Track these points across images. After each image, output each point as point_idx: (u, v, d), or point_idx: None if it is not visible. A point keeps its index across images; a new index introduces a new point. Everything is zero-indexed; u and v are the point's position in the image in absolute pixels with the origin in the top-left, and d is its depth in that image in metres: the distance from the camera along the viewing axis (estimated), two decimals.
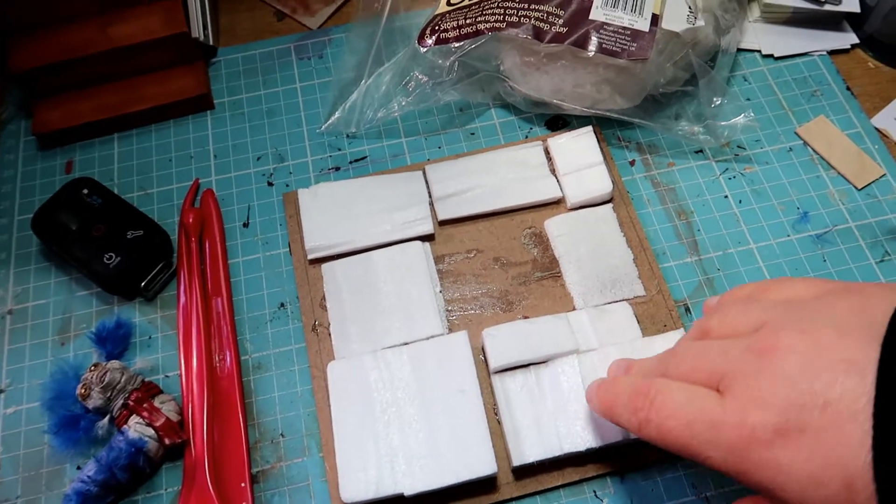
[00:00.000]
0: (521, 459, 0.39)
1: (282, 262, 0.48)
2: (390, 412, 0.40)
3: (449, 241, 0.47)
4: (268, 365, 0.44)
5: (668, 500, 0.40)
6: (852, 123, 0.52)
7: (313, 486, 0.41)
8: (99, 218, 0.47)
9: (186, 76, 0.54)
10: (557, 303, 0.45)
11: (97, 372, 0.41)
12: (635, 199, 0.49)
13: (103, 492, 0.39)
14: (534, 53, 0.48)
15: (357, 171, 0.51)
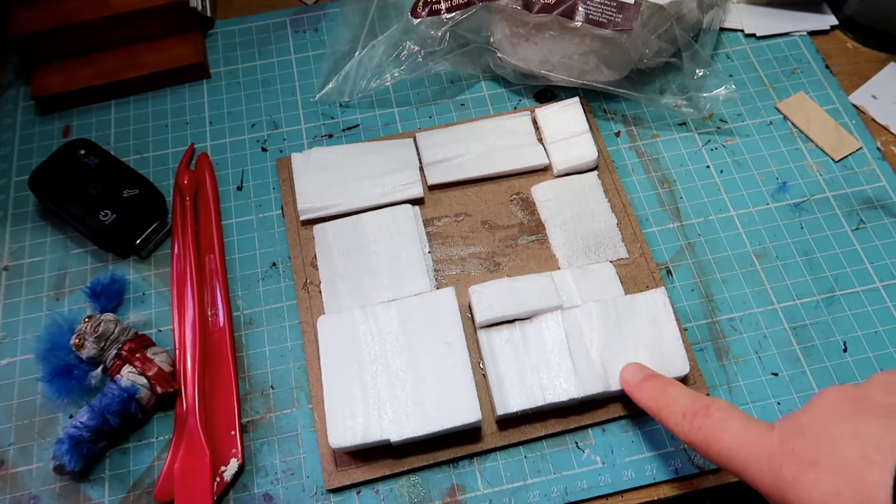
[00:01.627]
0: (505, 409, 0.40)
1: (274, 223, 0.49)
2: (378, 363, 0.41)
3: (438, 204, 0.48)
4: (259, 321, 0.45)
5: (647, 450, 0.41)
6: (831, 100, 0.53)
7: (302, 435, 0.42)
8: (95, 177, 0.48)
9: (183, 45, 0.55)
10: (543, 264, 0.46)
11: (91, 323, 0.42)
12: (620, 168, 0.51)
13: (95, 437, 0.40)
14: (523, 24, 0.49)
15: (350, 138, 0.52)
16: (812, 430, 0.29)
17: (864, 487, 0.26)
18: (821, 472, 0.27)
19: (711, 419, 0.33)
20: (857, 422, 0.28)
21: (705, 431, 0.33)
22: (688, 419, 0.34)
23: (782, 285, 0.46)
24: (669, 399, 0.36)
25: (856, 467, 0.26)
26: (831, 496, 0.27)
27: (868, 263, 0.46)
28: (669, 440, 0.41)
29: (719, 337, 0.44)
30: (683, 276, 0.46)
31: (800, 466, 0.28)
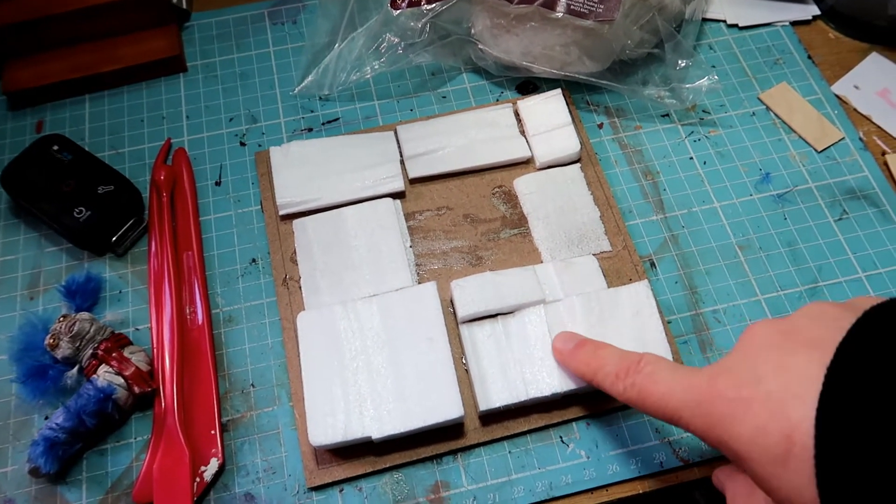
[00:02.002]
0: (488, 404, 0.40)
1: (254, 219, 0.48)
2: (359, 360, 0.41)
3: (419, 198, 0.48)
4: (239, 318, 0.45)
5: (632, 444, 0.41)
6: (813, 90, 0.53)
7: (283, 433, 0.41)
8: (69, 174, 0.47)
9: (159, 38, 0.54)
10: (525, 258, 0.46)
11: (66, 322, 0.41)
12: (603, 160, 0.50)
13: (71, 438, 0.39)
14: (504, 15, 0.49)
15: (329, 131, 0.52)
16: (738, 368, 0.29)
17: (788, 421, 0.26)
18: (747, 409, 0.27)
19: (642, 374, 0.33)
20: (782, 354, 0.28)
21: (638, 387, 0.33)
22: (621, 378, 0.34)
23: (766, 276, 0.46)
24: (602, 361, 0.36)
25: (780, 401, 0.26)
26: (758, 432, 0.27)
27: (851, 254, 0.46)
28: (654, 433, 0.41)
29: (703, 329, 0.44)
30: (667, 269, 0.46)
31: (727, 405, 0.28)
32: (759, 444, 0.26)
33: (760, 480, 0.27)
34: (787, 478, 0.26)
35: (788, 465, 0.25)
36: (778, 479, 0.26)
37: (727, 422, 0.28)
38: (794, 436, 0.25)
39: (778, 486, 0.26)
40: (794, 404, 0.25)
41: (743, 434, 0.27)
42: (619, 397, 0.34)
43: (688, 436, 0.41)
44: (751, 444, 0.27)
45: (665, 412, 0.31)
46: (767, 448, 0.26)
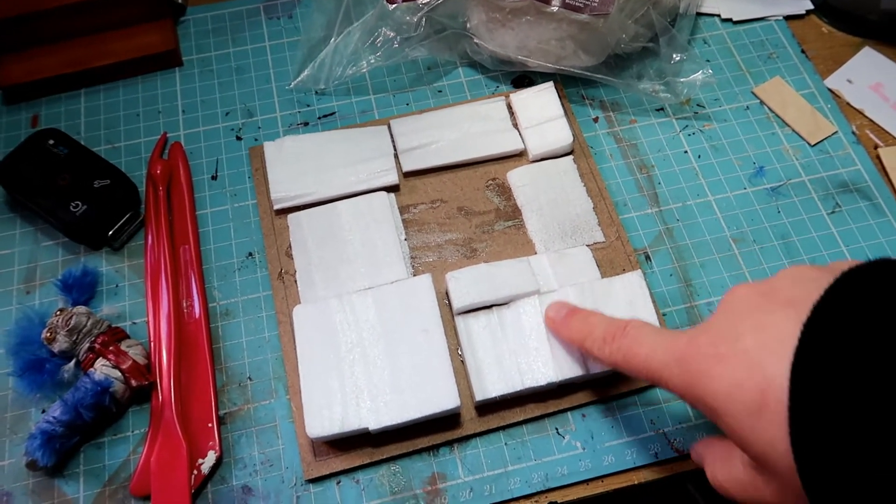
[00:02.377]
0: (484, 395, 0.40)
1: (250, 213, 0.48)
2: (355, 352, 0.41)
3: (413, 191, 0.48)
4: (235, 311, 0.45)
5: (627, 435, 0.41)
6: (806, 84, 0.54)
7: (280, 426, 0.41)
8: (65, 168, 0.47)
9: (154, 32, 0.54)
10: (519, 249, 0.46)
11: (63, 316, 0.41)
12: (598, 154, 0.50)
13: (69, 432, 0.39)
14: (499, 9, 0.49)
15: (325, 126, 0.52)
16: (718, 327, 0.30)
17: (763, 377, 0.26)
18: (724, 365, 0.28)
19: (628, 337, 0.34)
20: (761, 314, 0.28)
21: (623, 350, 0.34)
22: (607, 343, 0.35)
23: (759, 269, 0.46)
24: (591, 327, 0.37)
25: (756, 358, 0.27)
26: (734, 387, 0.27)
27: (844, 247, 0.47)
28: (649, 425, 0.41)
29: (697, 321, 0.44)
30: (662, 262, 0.46)
31: (705, 362, 0.29)
32: (735, 398, 0.27)
33: (736, 435, 0.28)
34: (762, 431, 0.27)
35: (762, 418, 0.26)
36: (752, 432, 0.27)
37: (705, 378, 0.29)
38: (768, 390, 0.26)
39: (753, 439, 0.27)
40: (771, 360, 0.26)
41: (720, 389, 0.28)
42: (606, 361, 0.35)
43: (682, 427, 0.41)
44: (727, 399, 0.28)
45: (649, 372, 0.32)
46: (743, 402, 0.27)
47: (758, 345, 0.27)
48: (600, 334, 0.36)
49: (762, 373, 0.27)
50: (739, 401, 0.27)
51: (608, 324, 0.36)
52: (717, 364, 0.29)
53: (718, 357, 0.29)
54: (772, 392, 0.26)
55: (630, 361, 0.34)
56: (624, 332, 0.35)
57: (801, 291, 0.28)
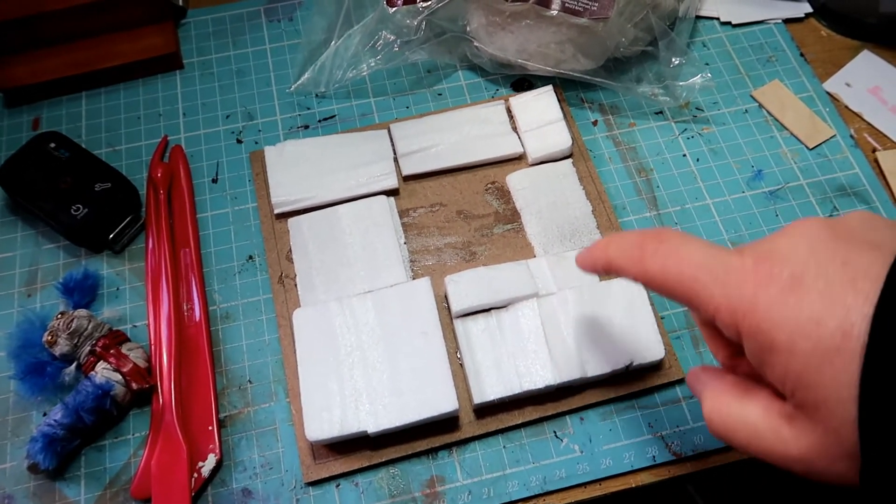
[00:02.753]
0: (482, 397, 0.40)
1: (250, 216, 0.48)
2: (355, 355, 0.41)
3: (413, 195, 0.48)
4: (236, 315, 0.45)
5: (625, 438, 0.41)
6: (805, 88, 0.54)
7: (280, 429, 0.42)
8: (66, 171, 0.47)
9: (155, 35, 0.54)
10: (518, 253, 0.46)
11: (64, 319, 0.42)
12: (598, 157, 0.51)
13: (70, 435, 0.40)
14: (499, 13, 0.49)
15: (326, 129, 0.52)
16: (795, 254, 0.26)
17: (846, 315, 0.24)
18: (803, 295, 0.25)
19: (669, 243, 0.30)
20: (847, 250, 0.26)
21: (662, 256, 0.29)
22: (639, 248, 0.30)
23: None
24: (620, 238, 0.32)
25: (841, 293, 0.24)
26: (810, 322, 0.25)
27: None
28: (647, 428, 0.41)
29: (695, 325, 0.44)
30: None
31: (779, 289, 0.26)
32: (808, 334, 0.25)
33: (794, 375, 0.25)
34: (831, 374, 0.24)
35: (836, 360, 0.24)
36: (818, 373, 0.24)
37: (774, 307, 0.25)
38: (851, 331, 0.24)
39: (818, 381, 0.25)
40: (857, 299, 0.24)
41: (789, 323, 0.25)
42: (637, 270, 0.31)
43: (680, 430, 0.41)
44: (797, 335, 0.25)
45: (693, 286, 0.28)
46: (819, 340, 0.24)
47: (844, 281, 0.25)
48: (631, 243, 0.31)
49: (846, 312, 0.24)
50: (814, 338, 0.24)
51: (639, 232, 0.32)
52: (794, 294, 0.25)
53: (797, 286, 0.25)
54: (854, 333, 0.24)
55: (670, 269, 0.29)
56: (661, 236, 0.30)
57: (882, 237, 0.26)
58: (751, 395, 0.28)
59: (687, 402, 0.42)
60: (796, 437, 0.26)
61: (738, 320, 0.27)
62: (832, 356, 0.24)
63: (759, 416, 0.27)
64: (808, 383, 0.25)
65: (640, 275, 0.31)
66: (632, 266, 0.31)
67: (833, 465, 0.25)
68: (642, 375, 0.42)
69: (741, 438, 0.28)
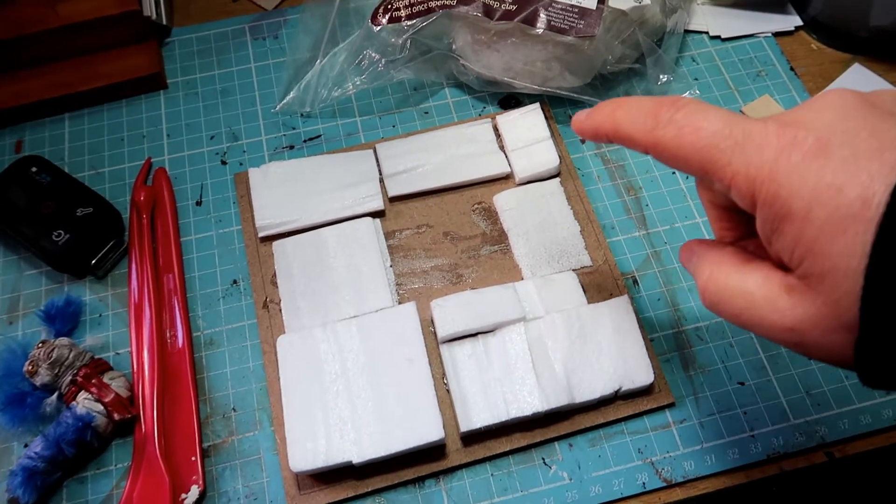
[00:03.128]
0: (469, 425, 0.39)
1: (235, 239, 0.48)
2: (339, 383, 0.41)
3: (399, 216, 0.48)
4: (220, 341, 0.44)
5: (614, 465, 0.41)
6: (795, 102, 0.53)
7: (265, 458, 0.41)
8: (48, 195, 0.46)
9: (138, 55, 0.53)
10: (506, 274, 0.46)
11: (45, 348, 0.41)
12: (586, 175, 0.50)
13: (50, 468, 0.39)
14: (484, 31, 0.49)
15: (311, 149, 0.51)
16: (821, 121, 0.25)
17: (869, 183, 0.23)
18: (827, 161, 0.24)
19: (684, 110, 0.28)
20: (877, 119, 0.25)
21: (676, 123, 0.28)
22: (652, 115, 0.29)
23: None
24: (628, 103, 0.30)
25: (866, 161, 0.24)
26: (830, 188, 0.24)
27: None
28: (636, 454, 0.41)
29: (686, 346, 0.44)
30: (650, 286, 0.46)
31: (802, 155, 0.25)
32: (826, 202, 0.24)
33: (806, 242, 0.25)
34: (844, 242, 0.23)
35: (850, 229, 0.23)
36: (833, 242, 0.24)
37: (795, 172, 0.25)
38: (871, 199, 0.23)
39: (829, 250, 0.24)
40: (882, 169, 0.23)
41: (807, 188, 0.24)
42: (648, 139, 0.29)
43: (670, 456, 0.41)
44: (815, 202, 0.24)
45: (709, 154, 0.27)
46: (837, 208, 0.24)
47: (871, 149, 0.24)
48: (641, 108, 0.29)
49: (871, 181, 0.23)
50: (832, 205, 0.24)
51: (652, 98, 0.30)
52: (815, 160, 0.24)
53: (822, 152, 0.24)
54: (874, 202, 0.23)
55: (686, 138, 0.27)
56: (676, 103, 0.28)
57: None
58: (751, 265, 0.28)
59: (677, 427, 0.42)
60: (792, 307, 0.26)
61: (756, 188, 0.26)
62: (848, 224, 0.23)
63: (758, 285, 0.27)
64: (818, 252, 0.24)
65: (650, 144, 0.29)
66: (642, 135, 0.29)
67: (825, 336, 0.25)
68: (631, 399, 0.42)
69: (734, 308, 0.28)
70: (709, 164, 0.27)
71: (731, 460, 0.41)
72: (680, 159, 0.28)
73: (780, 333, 0.26)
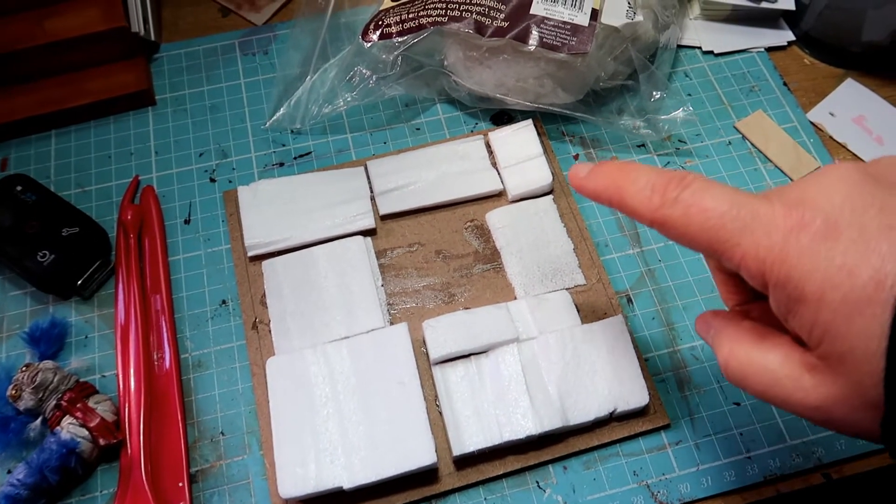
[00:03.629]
0: (462, 449, 0.39)
1: (224, 258, 0.47)
2: (330, 406, 0.40)
3: (390, 235, 0.47)
4: (208, 363, 0.44)
5: (609, 488, 0.40)
6: (789, 118, 0.53)
7: (254, 483, 0.40)
8: (33, 215, 0.46)
9: (126, 71, 0.53)
10: (499, 294, 0.45)
11: (28, 372, 0.40)
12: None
13: (34, 495, 0.38)
14: (476, 48, 0.48)
15: (301, 166, 0.51)
16: (827, 200, 0.25)
17: (881, 265, 0.23)
18: (836, 243, 0.24)
19: (691, 188, 0.28)
20: (884, 195, 0.25)
21: (683, 202, 0.27)
22: (658, 192, 0.28)
23: None
24: (633, 174, 0.30)
25: (876, 241, 0.23)
26: (842, 270, 0.24)
27: None
28: (631, 476, 0.40)
29: (681, 367, 0.43)
30: (644, 304, 0.45)
31: (810, 237, 0.24)
32: (840, 284, 0.24)
33: (823, 325, 0.24)
34: (860, 325, 0.23)
35: (866, 311, 0.23)
36: (849, 325, 0.24)
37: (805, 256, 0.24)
38: (885, 281, 0.23)
39: (846, 332, 0.24)
40: (893, 248, 0.23)
41: (819, 272, 0.24)
42: (653, 215, 0.28)
43: (666, 478, 0.40)
44: (827, 285, 0.24)
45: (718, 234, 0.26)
46: (851, 290, 0.23)
47: (880, 227, 0.24)
48: (647, 183, 0.29)
49: (880, 259, 0.23)
50: (846, 287, 0.23)
51: (657, 172, 0.29)
52: (824, 242, 0.24)
53: (831, 233, 0.24)
54: (886, 283, 0.23)
55: (693, 218, 0.27)
56: (683, 181, 0.28)
57: None
58: (770, 341, 0.28)
59: (672, 449, 0.41)
60: (816, 387, 0.25)
61: (766, 270, 0.25)
62: (863, 307, 0.23)
63: (779, 363, 0.27)
64: (835, 334, 0.24)
65: (657, 221, 0.29)
66: (649, 213, 0.29)
67: (852, 414, 0.25)
68: (626, 421, 0.41)
69: (759, 385, 0.28)
70: (717, 245, 0.27)
71: (728, 482, 0.40)
72: (687, 238, 0.28)
73: (807, 411, 0.26)
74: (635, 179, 0.29)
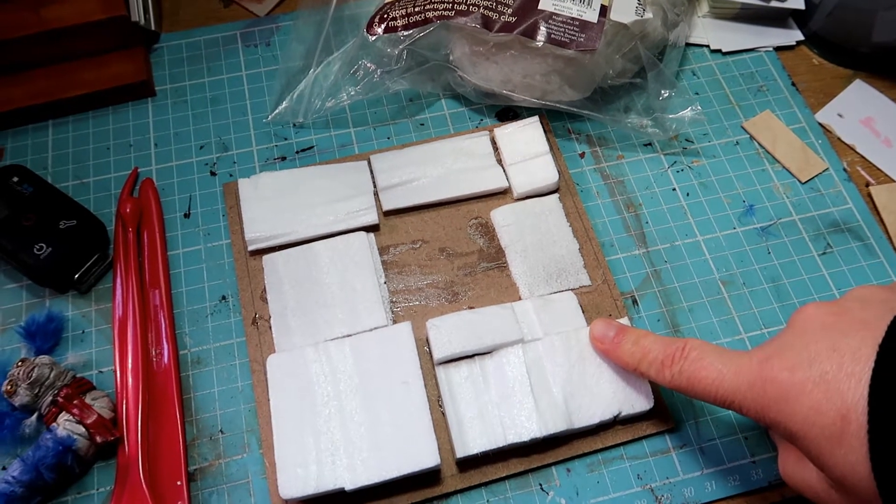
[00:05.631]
0: (465, 451, 0.38)
1: (224, 253, 0.46)
2: (332, 406, 0.39)
3: (394, 231, 0.46)
4: (207, 359, 0.43)
5: (613, 491, 0.40)
6: (797, 118, 0.52)
7: (253, 483, 0.40)
8: (29, 207, 0.45)
9: (126, 61, 0.52)
10: (503, 293, 0.44)
11: (24, 367, 0.39)
12: (585, 191, 0.49)
13: (29, 492, 0.38)
14: (483, 43, 0.48)
15: (304, 160, 0.50)
16: (791, 350, 0.30)
17: (843, 401, 0.27)
18: (801, 390, 0.28)
19: (689, 360, 0.33)
20: (836, 336, 0.29)
21: (686, 374, 0.33)
22: (667, 367, 0.34)
23: (749, 314, 0.45)
24: (645, 351, 0.36)
25: (834, 381, 0.27)
26: (813, 412, 0.27)
27: (835, 289, 0.46)
28: (635, 479, 0.40)
29: None
30: (649, 306, 0.45)
31: (780, 387, 0.29)
32: (814, 424, 0.28)
33: (815, 458, 0.28)
34: (842, 455, 0.27)
35: (843, 442, 0.27)
36: (832, 456, 0.27)
37: (781, 403, 0.29)
38: (849, 415, 0.26)
39: (833, 463, 0.27)
40: (849, 383, 0.27)
41: (797, 414, 0.28)
42: (667, 384, 0.34)
43: (670, 482, 0.40)
44: (806, 424, 0.28)
45: (717, 397, 0.32)
46: (823, 427, 0.27)
47: (835, 368, 0.27)
48: (657, 357, 0.35)
49: (841, 397, 0.27)
50: (819, 426, 0.27)
51: (664, 345, 0.35)
52: (793, 389, 0.28)
53: (794, 382, 0.28)
54: (852, 416, 0.26)
55: (695, 386, 0.33)
56: (683, 353, 0.34)
57: (873, 312, 0.29)
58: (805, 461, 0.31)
59: (677, 452, 0.41)
60: (841, 499, 0.29)
61: (762, 416, 0.30)
62: (838, 440, 0.27)
63: (815, 480, 0.30)
64: (825, 464, 0.28)
65: (666, 384, 0.35)
66: (665, 382, 0.35)
67: None
68: (631, 424, 0.41)
69: (807, 494, 0.32)
70: (719, 401, 0.32)
71: (732, 487, 0.40)
72: (697, 398, 0.34)
73: None
74: (647, 354, 0.36)
